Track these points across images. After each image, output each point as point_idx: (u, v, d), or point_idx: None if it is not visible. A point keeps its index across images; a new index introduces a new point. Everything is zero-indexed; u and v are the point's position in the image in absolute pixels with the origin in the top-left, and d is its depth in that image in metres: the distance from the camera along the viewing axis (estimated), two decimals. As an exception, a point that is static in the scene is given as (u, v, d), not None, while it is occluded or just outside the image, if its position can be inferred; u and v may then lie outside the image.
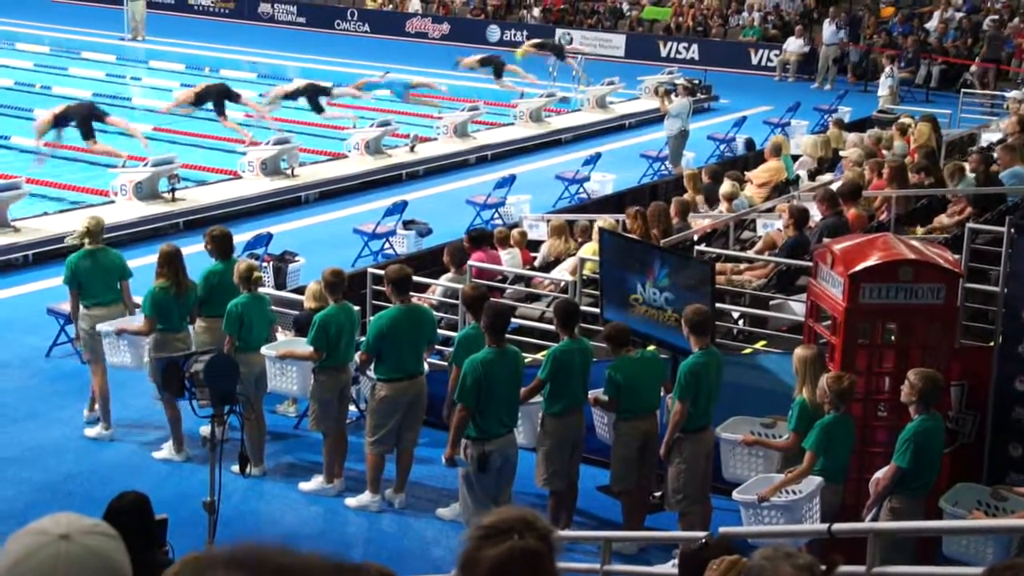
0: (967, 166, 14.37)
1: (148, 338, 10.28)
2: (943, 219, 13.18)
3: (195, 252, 11.73)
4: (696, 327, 8.61)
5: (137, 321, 10.49)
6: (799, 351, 8.43)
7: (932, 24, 33.55)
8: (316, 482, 9.92)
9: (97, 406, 10.77)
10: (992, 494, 7.99)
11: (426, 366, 10.05)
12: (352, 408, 11.21)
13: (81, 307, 10.65)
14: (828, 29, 32.37)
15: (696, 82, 27.61)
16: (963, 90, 27.86)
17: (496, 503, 8.36)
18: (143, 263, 12.47)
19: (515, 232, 13.82)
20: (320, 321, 9.72)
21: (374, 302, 11.82)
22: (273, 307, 11.82)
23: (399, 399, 9.56)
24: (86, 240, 10.83)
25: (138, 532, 5.49)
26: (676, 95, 20.89)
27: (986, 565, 7.60)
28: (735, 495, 8.19)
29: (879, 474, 7.73)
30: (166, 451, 10.37)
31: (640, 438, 9.02)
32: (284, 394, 10.80)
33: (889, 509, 7.69)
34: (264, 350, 10.19)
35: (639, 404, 9.03)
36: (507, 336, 8.89)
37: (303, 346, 10.00)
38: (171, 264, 10.29)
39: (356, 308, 10.19)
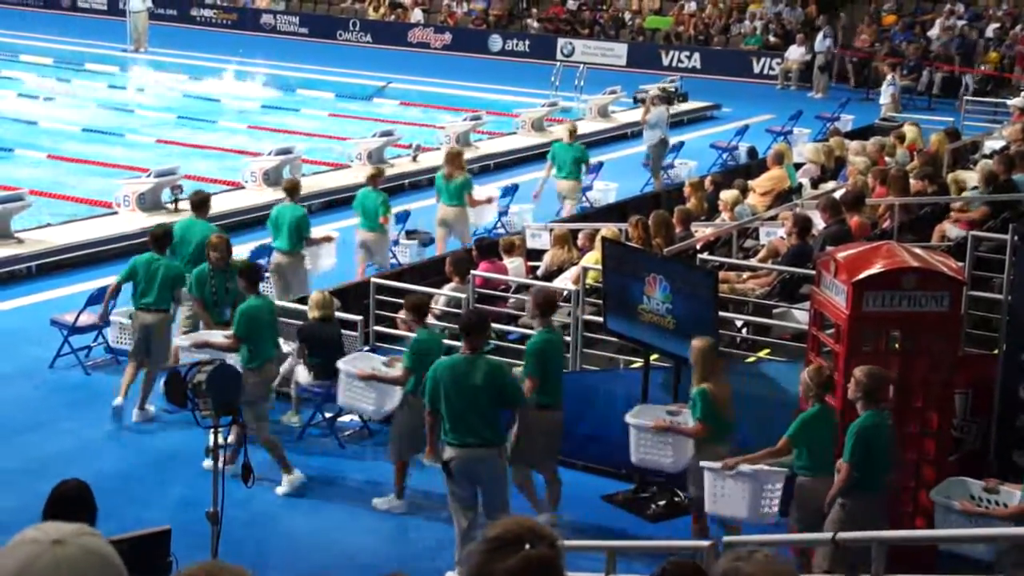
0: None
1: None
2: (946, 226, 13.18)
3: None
4: (542, 308, 9.17)
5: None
6: (696, 343, 8.59)
7: (934, 32, 33.56)
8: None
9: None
10: (984, 488, 7.96)
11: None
12: (355, 418, 11.21)
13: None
14: (817, 38, 32.45)
15: (671, 89, 27.34)
16: (965, 97, 27.89)
17: (470, 511, 8.39)
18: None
19: (517, 239, 13.83)
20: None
21: (377, 312, 11.84)
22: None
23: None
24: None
25: (79, 516, 5.57)
26: (654, 104, 20.70)
27: (978, 555, 7.64)
28: (702, 464, 8.37)
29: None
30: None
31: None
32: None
33: (839, 505, 7.69)
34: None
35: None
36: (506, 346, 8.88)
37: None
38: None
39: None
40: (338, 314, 11.33)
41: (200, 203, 12.64)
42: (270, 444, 9.97)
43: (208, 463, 7.97)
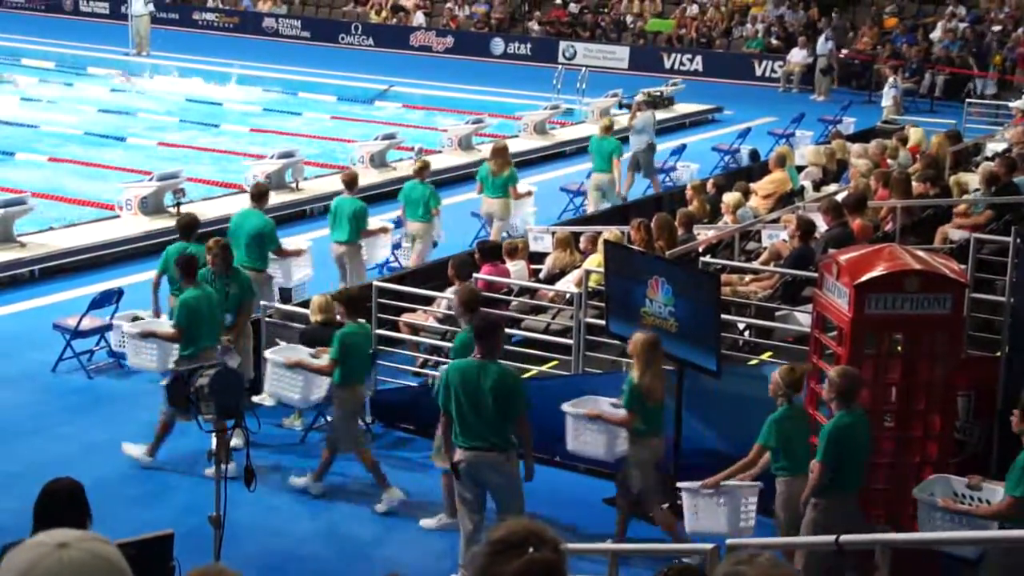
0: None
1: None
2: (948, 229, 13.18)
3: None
4: (468, 305, 9.31)
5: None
6: (638, 335, 8.88)
7: (936, 34, 33.55)
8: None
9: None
10: (967, 484, 7.97)
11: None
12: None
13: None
14: (819, 40, 32.46)
15: (658, 93, 27.35)
16: (967, 100, 27.88)
17: (476, 514, 8.40)
18: (147, 278, 12.47)
19: (520, 242, 13.84)
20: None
21: (379, 315, 11.84)
22: (278, 321, 11.88)
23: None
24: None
25: (69, 514, 5.76)
26: (640, 109, 20.79)
27: (964, 554, 7.66)
28: (679, 485, 8.67)
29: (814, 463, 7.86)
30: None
31: None
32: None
33: (814, 506, 7.78)
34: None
35: None
36: (508, 349, 8.89)
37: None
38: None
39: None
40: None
41: (259, 195, 13.16)
42: (163, 424, 10.27)
43: (210, 470, 7.98)
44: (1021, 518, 7.18)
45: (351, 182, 14.29)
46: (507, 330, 10.44)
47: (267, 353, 10.47)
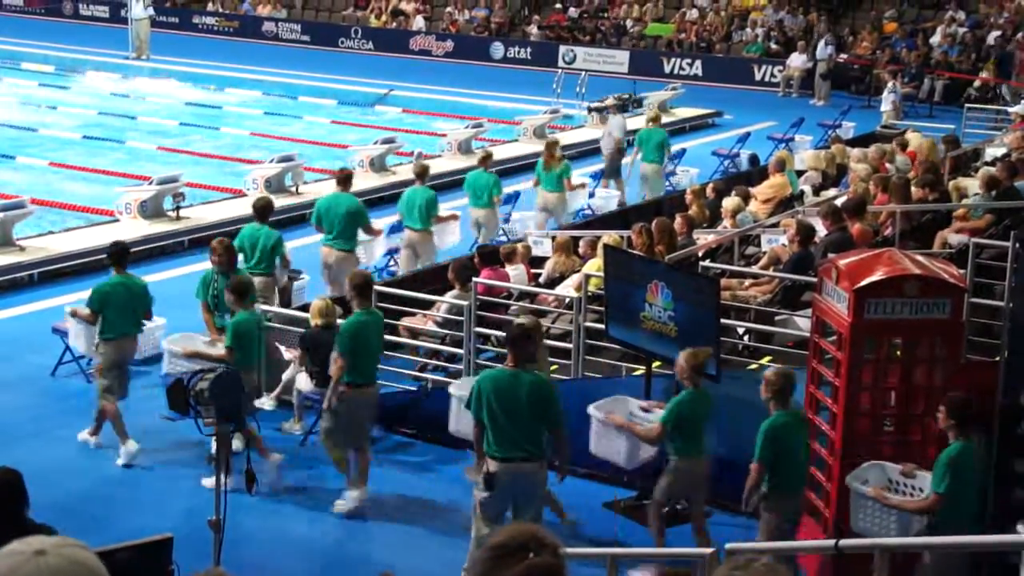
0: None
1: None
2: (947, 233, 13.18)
3: (200, 270, 11.77)
4: (359, 290, 9.70)
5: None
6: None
7: (935, 39, 33.58)
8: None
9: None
10: (901, 472, 7.98)
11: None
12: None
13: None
14: (819, 45, 32.51)
15: (627, 96, 27.44)
16: (967, 105, 27.91)
17: (493, 523, 8.28)
18: (148, 281, 12.45)
19: (519, 246, 13.85)
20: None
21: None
22: (278, 324, 11.88)
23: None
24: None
25: (7, 504, 5.90)
26: (610, 113, 21.02)
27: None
28: (590, 409, 9.06)
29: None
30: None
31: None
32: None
33: (766, 510, 8.02)
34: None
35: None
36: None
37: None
38: None
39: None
40: (340, 321, 11.33)
41: (344, 179, 14.10)
42: (111, 414, 10.45)
43: (210, 479, 7.99)
44: (944, 514, 7.31)
45: (422, 173, 15.31)
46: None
47: (164, 343, 10.75)
